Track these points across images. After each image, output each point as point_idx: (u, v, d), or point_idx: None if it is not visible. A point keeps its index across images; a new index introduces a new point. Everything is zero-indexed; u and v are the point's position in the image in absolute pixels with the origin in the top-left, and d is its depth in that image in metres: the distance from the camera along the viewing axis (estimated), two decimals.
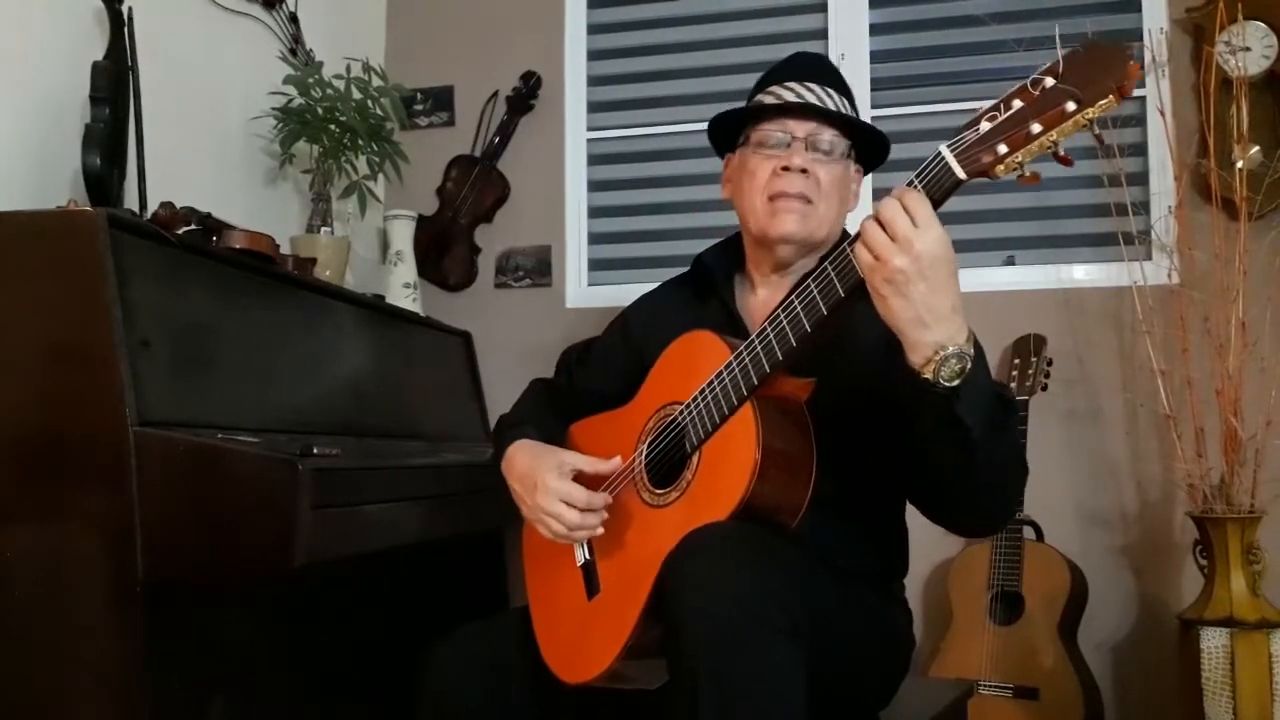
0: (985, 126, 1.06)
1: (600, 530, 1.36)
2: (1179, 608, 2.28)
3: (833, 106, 1.44)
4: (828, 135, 1.43)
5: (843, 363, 1.30)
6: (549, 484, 1.36)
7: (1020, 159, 1.05)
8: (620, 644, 1.29)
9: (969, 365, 1.11)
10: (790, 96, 1.44)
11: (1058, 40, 1.11)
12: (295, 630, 1.82)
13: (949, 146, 1.08)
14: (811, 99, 1.43)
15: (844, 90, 1.48)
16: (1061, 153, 1.05)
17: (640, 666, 1.31)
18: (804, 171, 1.41)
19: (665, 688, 1.20)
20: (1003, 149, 1.04)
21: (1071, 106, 1.01)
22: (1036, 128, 1.03)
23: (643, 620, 1.27)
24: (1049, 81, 1.03)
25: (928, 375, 1.11)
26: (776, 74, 1.50)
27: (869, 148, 1.50)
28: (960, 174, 1.07)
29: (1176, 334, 2.34)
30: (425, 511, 1.80)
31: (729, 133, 1.52)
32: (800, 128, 1.43)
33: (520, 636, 1.45)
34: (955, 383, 1.11)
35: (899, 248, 1.08)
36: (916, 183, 1.10)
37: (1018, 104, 1.04)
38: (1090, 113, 1.01)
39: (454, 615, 1.53)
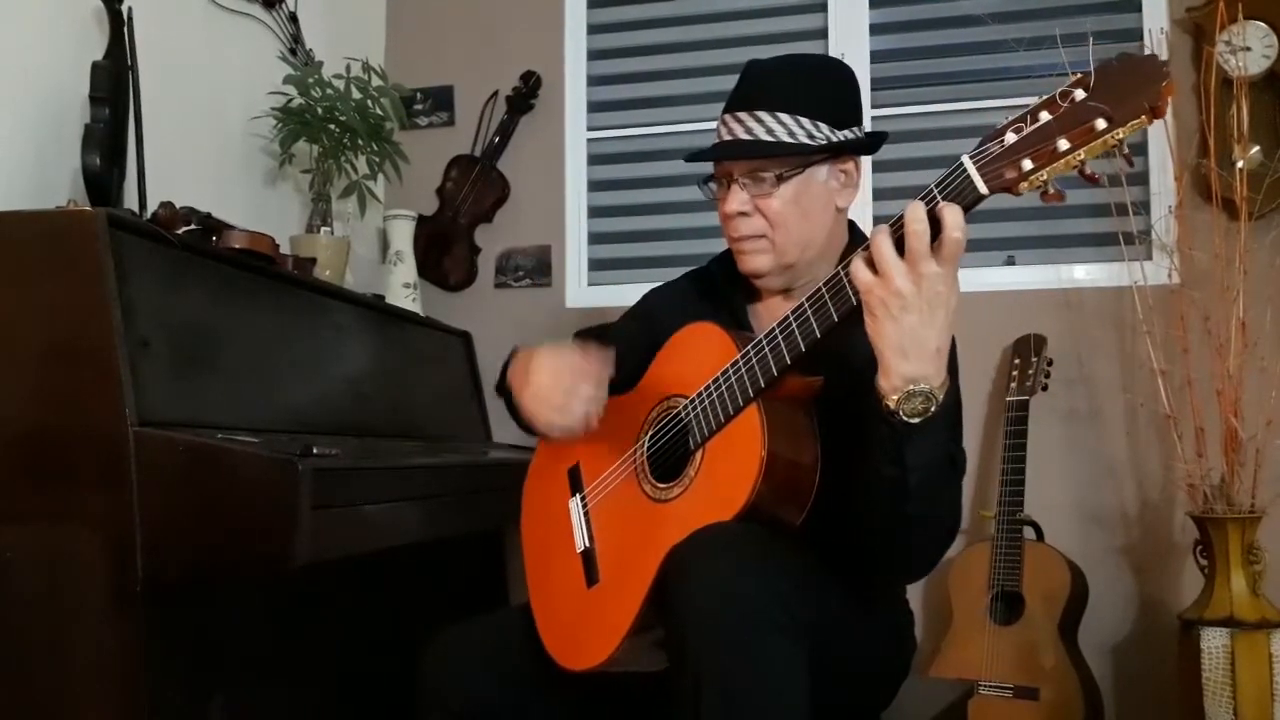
0: (1011, 138, 1.00)
1: (578, 421, 1.33)
2: (1179, 608, 2.28)
3: (763, 132, 1.34)
4: (763, 167, 1.36)
5: (849, 364, 1.27)
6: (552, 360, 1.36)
7: (1045, 176, 0.99)
8: (620, 635, 1.29)
9: (933, 409, 1.10)
10: (724, 132, 1.39)
11: (1090, 45, 1.07)
12: (295, 630, 1.82)
13: (972, 158, 1.03)
14: (741, 132, 1.36)
15: (789, 99, 1.35)
16: (1088, 170, 1.00)
17: (640, 653, 1.31)
18: (746, 214, 1.37)
19: (666, 673, 1.20)
20: (1028, 165, 1.00)
21: (1102, 125, 0.96)
22: (1064, 144, 0.98)
23: (643, 613, 1.27)
24: (1079, 94, 0.98)
25: (890, 404, 1.10)
26: (729, 99, 1.41)
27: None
28: (983, 189, 1.02)
29: (1177, 334, 2.34)
30: (425, 511, 1.80)
31: None
32: (736, 166, 1.38)
33: (520, 631, 1.45)
34: (914, 420, 1.10)
35: (906, 268, 1.05)
36: (937, 194, 1.05)
37: (1045, 116, 0.99)
38: (1121, 133, 0.96)
39: (454, 615, 1.53)
